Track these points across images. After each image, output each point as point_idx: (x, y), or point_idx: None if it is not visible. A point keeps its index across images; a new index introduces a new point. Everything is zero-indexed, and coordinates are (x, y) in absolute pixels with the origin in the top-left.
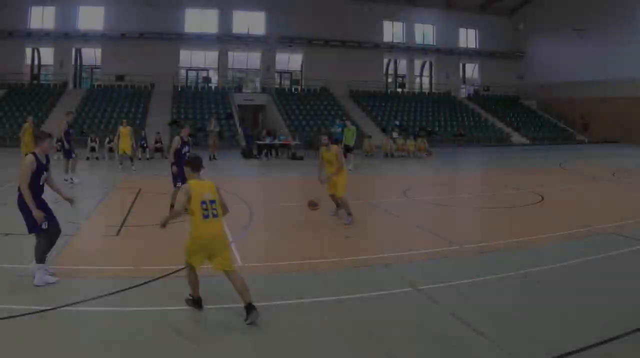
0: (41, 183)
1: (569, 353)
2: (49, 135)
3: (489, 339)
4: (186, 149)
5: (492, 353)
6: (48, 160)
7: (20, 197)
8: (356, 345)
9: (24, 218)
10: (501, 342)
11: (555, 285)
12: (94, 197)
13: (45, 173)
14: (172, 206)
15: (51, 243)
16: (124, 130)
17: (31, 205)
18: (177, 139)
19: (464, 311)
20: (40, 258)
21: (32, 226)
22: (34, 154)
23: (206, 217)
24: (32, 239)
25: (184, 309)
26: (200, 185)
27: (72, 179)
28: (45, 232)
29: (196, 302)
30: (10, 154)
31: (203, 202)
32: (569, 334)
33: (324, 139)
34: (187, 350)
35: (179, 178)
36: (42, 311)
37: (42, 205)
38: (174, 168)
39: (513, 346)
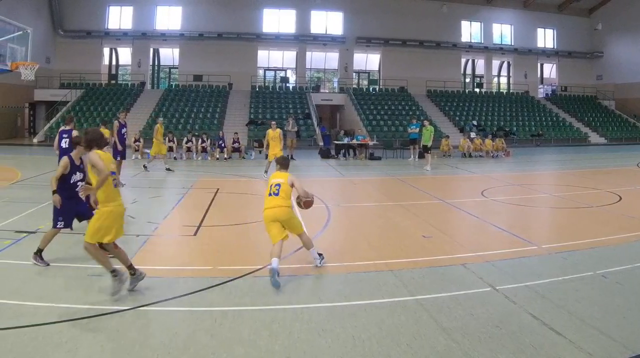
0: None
1: None
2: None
3: (568, 339)
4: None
5: (571, 353)
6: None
7: None
8: (433, 345)
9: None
10: (580, 342)
11: (634, 286)
12: (172, 197)
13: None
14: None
15: None
16: (274, 134)
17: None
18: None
19: (542, 311)
20: None
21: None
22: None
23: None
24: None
25: (263, 309)
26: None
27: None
28: None
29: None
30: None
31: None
32: None
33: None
34: (262, 350)
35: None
36: (121, 311)
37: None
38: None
39: (592, 346)
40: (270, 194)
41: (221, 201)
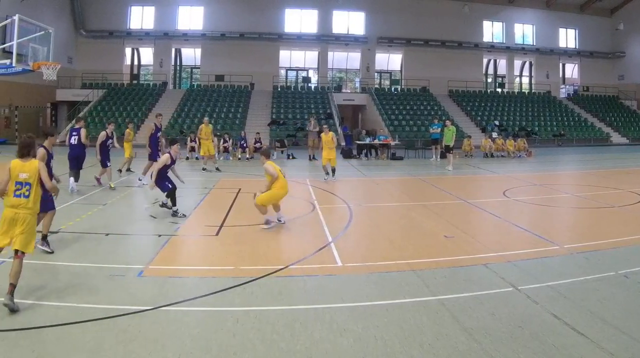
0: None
1: None
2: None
3: (589, 339)
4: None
5: (592, 353)
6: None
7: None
8: (455, 344)
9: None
10: (602, 342)
11: None
12: (194, 197)
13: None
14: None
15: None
16: (327, 138)
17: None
18: (165, 156)
19: (564, 311)
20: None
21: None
22: (169, 153)
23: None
24: (130, 238)
25: (284, 309)
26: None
27: (140, 178)
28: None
29: None
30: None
31: (18, 183)
32: None
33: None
34: (284, 350)
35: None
36: (142, 311)
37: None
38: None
39: (613, 346)
40: (284, 176)
41: (243, 201)
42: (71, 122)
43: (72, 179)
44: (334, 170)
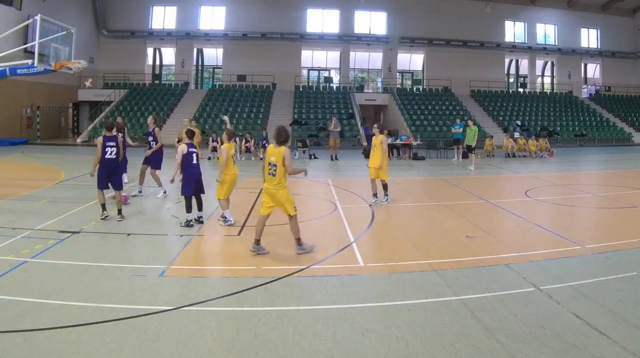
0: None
1: None
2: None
3: (612, 339)
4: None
5: (615, 353)
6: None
7: None
8: (477, 345)
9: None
10: (625, 343)
11: None
12: (215, 197)
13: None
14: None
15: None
16: (376, 140)
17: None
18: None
19: (586, 311)
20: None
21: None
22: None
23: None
24: (152, 238)
25: (306, 309)
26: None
27: None
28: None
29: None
30: (132, 154)
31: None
32: None
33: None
34: (306, 350)
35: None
36: (164, 311)
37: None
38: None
39: (636, 346)
40: (234, 163)
41: None
42: (93, 122)
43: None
44: (385, 187)
